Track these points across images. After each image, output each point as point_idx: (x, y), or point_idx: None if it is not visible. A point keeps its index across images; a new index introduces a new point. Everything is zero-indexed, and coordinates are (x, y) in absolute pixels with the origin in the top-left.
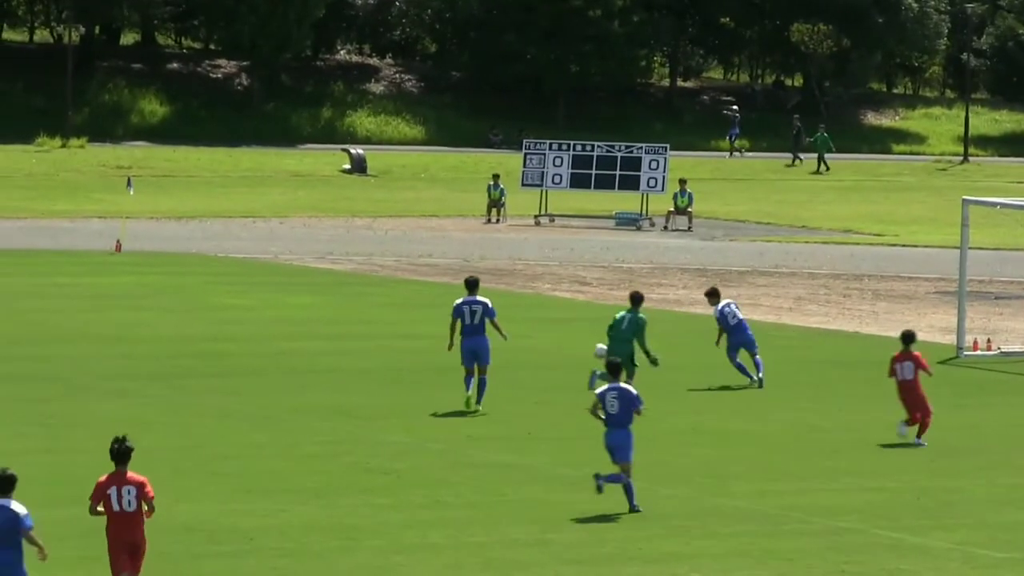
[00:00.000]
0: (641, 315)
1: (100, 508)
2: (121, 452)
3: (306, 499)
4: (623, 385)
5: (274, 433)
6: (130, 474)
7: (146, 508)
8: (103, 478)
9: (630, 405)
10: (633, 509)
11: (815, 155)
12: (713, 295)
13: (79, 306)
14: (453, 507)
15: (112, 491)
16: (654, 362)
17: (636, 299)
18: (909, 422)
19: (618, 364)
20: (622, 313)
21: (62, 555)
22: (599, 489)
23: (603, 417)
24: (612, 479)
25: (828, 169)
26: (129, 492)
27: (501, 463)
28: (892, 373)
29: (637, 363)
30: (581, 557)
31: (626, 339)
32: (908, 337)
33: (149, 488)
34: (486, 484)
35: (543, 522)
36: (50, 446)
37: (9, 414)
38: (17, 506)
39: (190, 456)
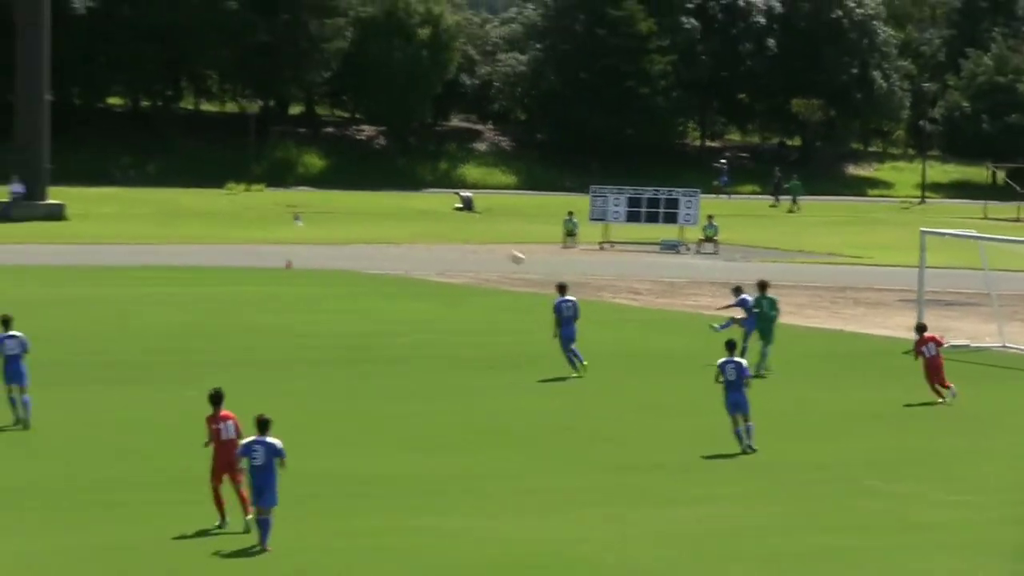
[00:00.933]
0: (771, 296)
1: (213, 440)
2: (218, 396)
3: (430, 453)
4: (737, 359)
5: (398, 404)
6: (225, 412)
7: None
8: (208, 416)
9: (743, 373)
10: (746, 449)
11: (790, 197)
12: (737, 291)
13: (252, 308)
14: (541, 457)
15: (221, 425)
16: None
17: (763, 285)
18: (937, 391)
19: (733, 342)
20: (755, 297)
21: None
22: (748, 450)
23: (722, 382)
24: (739, 433)
25: (800, 208)
26: (228, 426)
27: (569, 427)
28: (919, 354)
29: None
30: (640, 498)
31: (772, 318)
32: (923, 327)
33: (238, 421)
34: (563, 442)
35: (608, 471)
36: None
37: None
38: (275, 440)
39: (338, 422)
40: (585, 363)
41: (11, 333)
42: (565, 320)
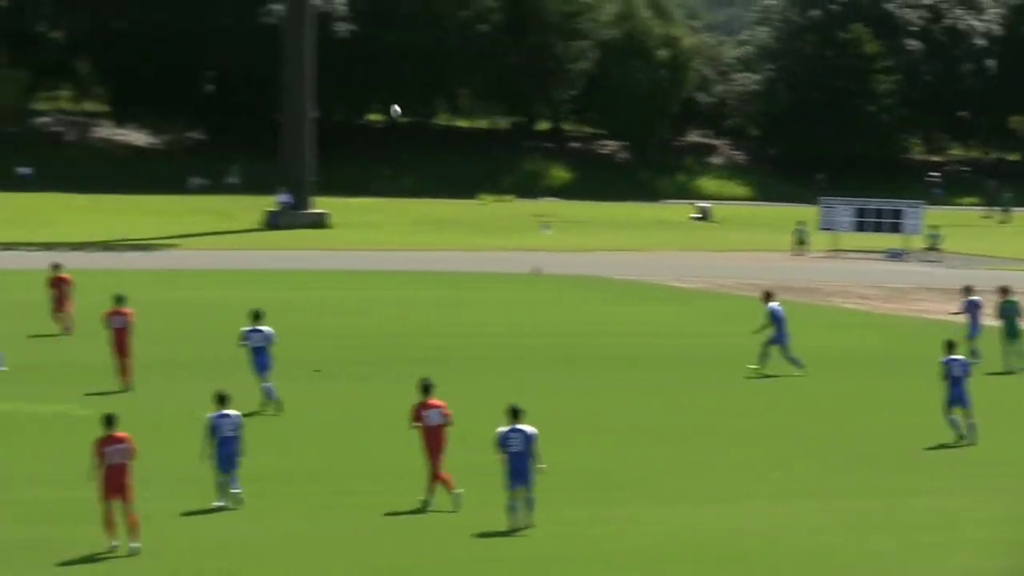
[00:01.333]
0: (1014, 299)
1: (417, 424)
2: (428, 386)
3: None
4: (961, 357)
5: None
6: (433, 399)
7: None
8: (416, 404)
9: (966, 370)
10: (964, 439)
11: (1003, 209)
12: (967, 291)
13: (503, 310)
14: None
15: (426, 413)
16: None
17: (1005, 290)
18: None
19: (953, 341)
20: (1000, 302)
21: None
22: (964, 440)
23: (946, 378)
24: (954, 422)
25: (1011, 220)
26: (431, 413)
27: (780, 425)
28: None
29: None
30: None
31: (1011, 318)
32: None
33: (447, 409)
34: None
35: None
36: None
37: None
38: (528, 427)
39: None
40: (804, 365)
41: (257, 327)
42: (779, 322)
